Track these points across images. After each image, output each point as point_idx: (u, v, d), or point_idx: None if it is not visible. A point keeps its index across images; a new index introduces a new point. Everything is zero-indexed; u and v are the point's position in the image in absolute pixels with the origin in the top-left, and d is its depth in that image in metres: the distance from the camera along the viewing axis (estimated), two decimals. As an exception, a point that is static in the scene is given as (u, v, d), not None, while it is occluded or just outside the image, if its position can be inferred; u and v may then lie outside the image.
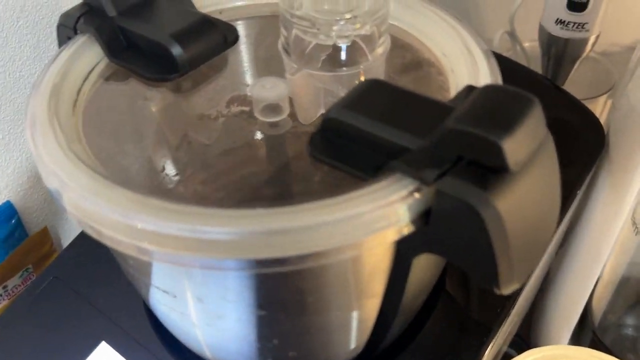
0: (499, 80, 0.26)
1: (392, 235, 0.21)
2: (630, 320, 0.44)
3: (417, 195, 0.21)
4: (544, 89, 0.43)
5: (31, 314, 0.37)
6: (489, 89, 0.21)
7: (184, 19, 0.29)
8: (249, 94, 0.28)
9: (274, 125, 0.29)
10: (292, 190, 0.28)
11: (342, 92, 0.30)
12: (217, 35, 0.29)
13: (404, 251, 0.23)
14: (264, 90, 0.27)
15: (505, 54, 0.52)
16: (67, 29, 0.29)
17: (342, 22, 0.27)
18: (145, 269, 0.24)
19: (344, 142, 0.23)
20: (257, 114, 0.28)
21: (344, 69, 0.29)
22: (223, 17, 0.33)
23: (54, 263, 0.38)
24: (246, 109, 0.29)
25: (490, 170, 0.20)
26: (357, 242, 0.21)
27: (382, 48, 0.30)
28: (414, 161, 0.21)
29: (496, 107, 0.20)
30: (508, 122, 0.20)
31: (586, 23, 0.44)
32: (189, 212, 0.20)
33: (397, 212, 0.21)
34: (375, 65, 0.30)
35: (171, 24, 0.28)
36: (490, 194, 0.19)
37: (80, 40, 0.28)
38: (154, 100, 0.31)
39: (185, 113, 0.32)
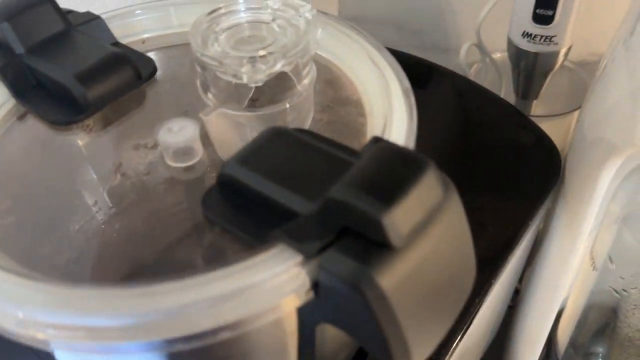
0: (413, 125, 0.24)
1: (288, 305, 0.20)
2: (598, 348, 0.42)
3: (302, 268, 0.19)
4: (503, 114, 0.40)
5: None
6: (381, 149, 0.20)
7: (93, 55, 0.27)
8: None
9: (188, 169, 0.27)
10: (195, 251, 0.27)
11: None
12: (128, 72, 0.27)
13: (304, 319, 0.22)
14: (171, 134, 0.26)
15: (474, 66, 0.49)
16: (-25, 69, 0.28)
17: (256, 60, 0.25)
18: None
19: (240, 201, 0.22)
20: (167, 160, 0.27)
21: (269, 106, 0.28)
22: (146, 47, 0.31)
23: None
24: (156, 151, 0.28)
25: (376, 244, 0.18)
26: (243, 318, 0.19)
27: (307, 79, 0.28)
28: (297, 230, 0.19)
29: (384, 172, 0.19)
30: (392, 192, 0.18)
31: (554, 36, 0.41)
32: (70, 297, 0.19)
33: (286, 283, 0.19)
34: (301, 100, 0.28)
35: (78, 62, 0.27)
36: (373, 270, 0.18)
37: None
38: (56, 146, 0.29)
39: (92, 160, 0.30)
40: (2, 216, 0.24)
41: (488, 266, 0.34)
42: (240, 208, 0.22)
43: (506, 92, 0.50)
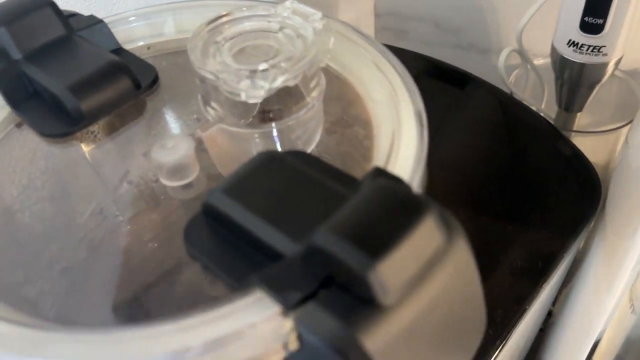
0: (423, 149, 0.21)
1: (273, 356, 0.18)
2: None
3: (285, 317, 0.17)
4: (540, 132, 0.37)
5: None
6: (377, 188, 0.17)
7: (89, 64, 0.26)
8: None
9: (185, 187, 0.25)
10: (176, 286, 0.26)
11: (270, 146, 0.26)
12: (126, 82, 0.26)
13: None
14: (164, 151, 0.24)
15: (514, 72, 0.46)
16: (-27, 73, 0.27)
17: (256, 75, 0.23)
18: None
19: (225, 234, 0.20)
20: (162, 179, 0.25)
21: (273, 123, 0.26)
22: (152, 52, 0.30)
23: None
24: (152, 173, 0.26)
25: (363, 299, 0.16)
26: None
27: (316, 91, 0.26)
28: (278, 276, 0.17)
29: (376, 218, 0.16)
30: (382, 243, 0.15)
31: (604, 46, 0.38)
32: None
33: (267, 333, 0.17)
34: (309, 114, 0.26)
35: (74, 71, 0.25)
36: (358, 330, 0.16)
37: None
38: (57, 154, 0.28)
39: (97, 168, 0.29)
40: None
41: (515, 300, 0.31)
42: (225, 242, 0.20)
43: (548, 102, 0.46)
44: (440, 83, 0.43)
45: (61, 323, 0.19)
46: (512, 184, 0.34)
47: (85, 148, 0.31)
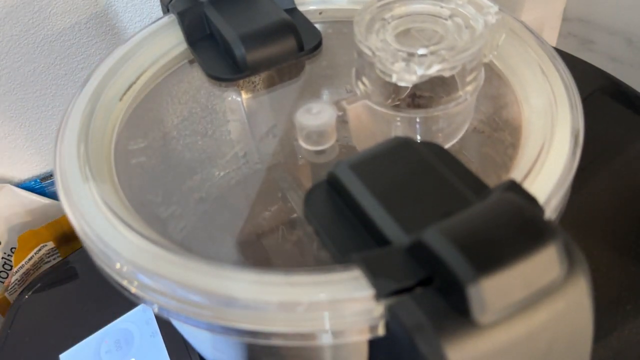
0: (569, 175, 0.20)
1: (357, 333, 0.18)
2: None
3: (373, 303, 0.17)
4: None
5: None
6: (504, 202, 0.16)
7: (264, 19, 0.27)
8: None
9: (319, 153, 0.26)
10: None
11: (409, 132, 0.26)
12: (291, 42, 0.27)
13: (373, 353, 0.20)
14: (308, 115, 0.25)
15: None
16: (164, 7, 0.30)
17: (412, 59, 0.23)
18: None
19: (342, 206, 0.20)
20: (300, 140, 0.26)
21: (418, 110, 0.25)
22: (323, 18, 0.30)
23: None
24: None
25: (459, 310, 0.15)
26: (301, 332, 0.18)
27: (472, 86, 0.25)
28: (379, 262, 0.17)
29: (494, 232, 0.16)
30: (493, 258, 0.15)
31: None
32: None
33: (355, 312, 0.18)
34: (459, 108, 0.25)
35: (248, 22, 0.27)
36: (444, 339, 0.15)
37: (163, 21, 0.29)
38: (217, 97, 0.30)
39: (249, 116, 0.31)
40: (134, 155, 0.25)
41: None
42: (340, 214, 0.20)
43: None
44: (620, 106, 0.39)
45: (184, 247, 0.20)
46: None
47: (244, 95, 0.33)
